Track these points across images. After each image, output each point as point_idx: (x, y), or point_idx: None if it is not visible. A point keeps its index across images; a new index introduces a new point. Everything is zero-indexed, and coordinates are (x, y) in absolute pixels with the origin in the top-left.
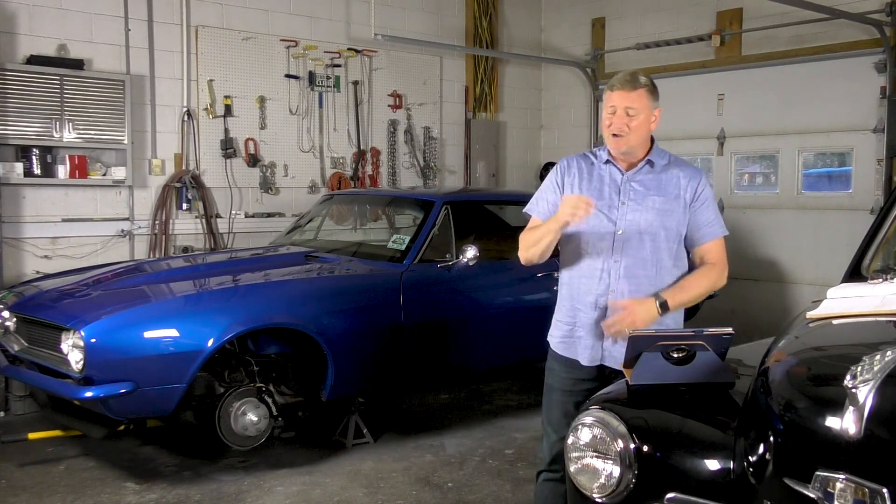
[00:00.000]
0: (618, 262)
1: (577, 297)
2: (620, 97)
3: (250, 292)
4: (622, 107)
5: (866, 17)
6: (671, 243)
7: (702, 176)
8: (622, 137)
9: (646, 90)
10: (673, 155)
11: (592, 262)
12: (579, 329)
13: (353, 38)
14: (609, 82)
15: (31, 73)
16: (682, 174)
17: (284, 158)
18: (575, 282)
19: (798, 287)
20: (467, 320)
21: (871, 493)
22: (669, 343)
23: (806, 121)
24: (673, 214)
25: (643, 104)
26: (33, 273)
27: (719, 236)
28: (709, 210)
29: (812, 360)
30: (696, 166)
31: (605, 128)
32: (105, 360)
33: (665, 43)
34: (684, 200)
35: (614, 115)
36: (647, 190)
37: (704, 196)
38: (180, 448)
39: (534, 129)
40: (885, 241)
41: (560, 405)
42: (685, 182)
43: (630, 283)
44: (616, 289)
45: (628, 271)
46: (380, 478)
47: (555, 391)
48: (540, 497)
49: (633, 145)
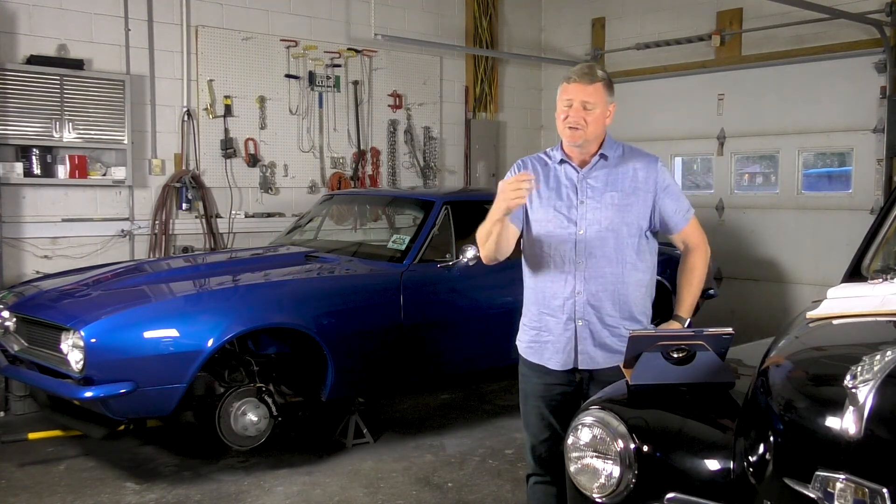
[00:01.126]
0: (582, 263)
1: (544, 301)
2: (577, 90)
3: (250, 292)
4: (579, 100)
5: (866, 17)
6: (633, 238)
7: (657, 163)
8: (578, 130)
9: (603, 84)
10: (626, 144)
11: (557, 265)
12: (546, 333)
13: (353, 38)
14: (565, 74)
15: (31, 73)
16: (638, 165)
17: (284, 158)
18: (540, 286)
19: (798, 287)
20: (467, 320)
21: (871, 493)
22: (669, 343)
23: (806, 121)
24: (632, 208)
25: (600, 98)
26: (33, 273)
27: (691, 219)
28: (673, 196)
29: (812, 360)
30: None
31: (559, 120)
32: (105, 360)
33: (665, 43)
34: (644, 193)
35: (570, 107)
36: (603, 186)
37: (665, 183)
38: (180, 448)
39: (534, 129)
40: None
41: (535, 409)
42: (643, 174)
43: (596, 282)
44: (583, 290)
45: (593, 271)
46: (380, 478)
47: (529, 397)
48: (532, 499)
49: (589, 139)
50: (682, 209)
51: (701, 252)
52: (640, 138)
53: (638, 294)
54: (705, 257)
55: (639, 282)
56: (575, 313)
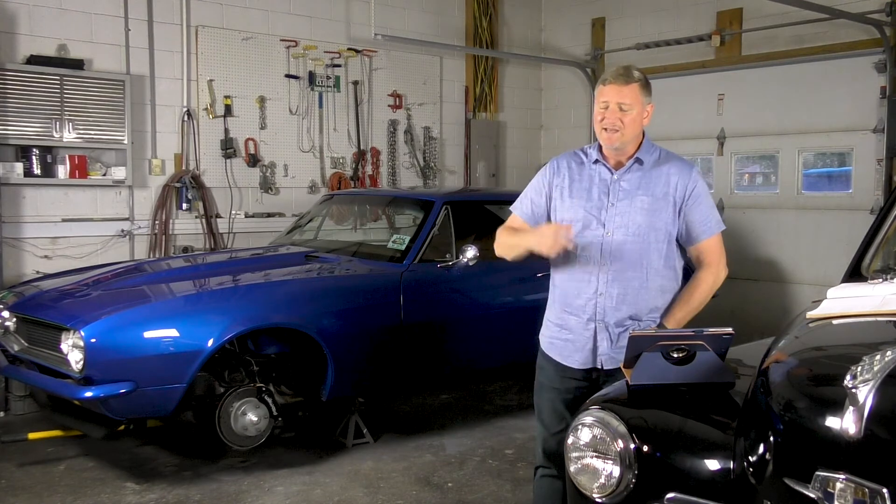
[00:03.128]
0: (607, 265)
1: (567, 299)
2: (614, 91)
3: (250, 292)
4: (615, 101)
5: (866, 17)
6: (660, 243)
7: (693, 171)
8: (616, 132)
9: (639, 85)
10: (664, 150)
11: (582, 265)
12: (567, 332)
13: (353, 38)
14: (602, 76)
15: (31, 73)
16: (672, 171)
17: (284, 158)
18: (565, 284)
19: (798, 287)
20: (467, 320)
21: (871, 493)
22: (669, 343)
23: (806, 121)
24: (661, 214)
25: (636, 99)
26: (33, 273)
27: (716, 233)
28: (703, 206)
29: (812, 360)
30: (688, 160)
31: (596, 122)
32: (105, 360)
33: (665, 43)
34: (674, 199)
35: (607, 109)
36: (635, 189)
37: (697, 192)
38: (180, 448)
39: (534, 129)
40: (885, 241)
41: (550, 402)
42: (675, 179)
43: (620, 285)
44: (605, 291)
45: (618, 273)
46: (380, 478)
47: (545, 388)
48: (538, 492)
49: (626, 140)
50: (710, 221)
51: (712, 272)
52: None
53: (662, 300)
54: (716, 279)
55: (662, 288)
56: (596, 314)
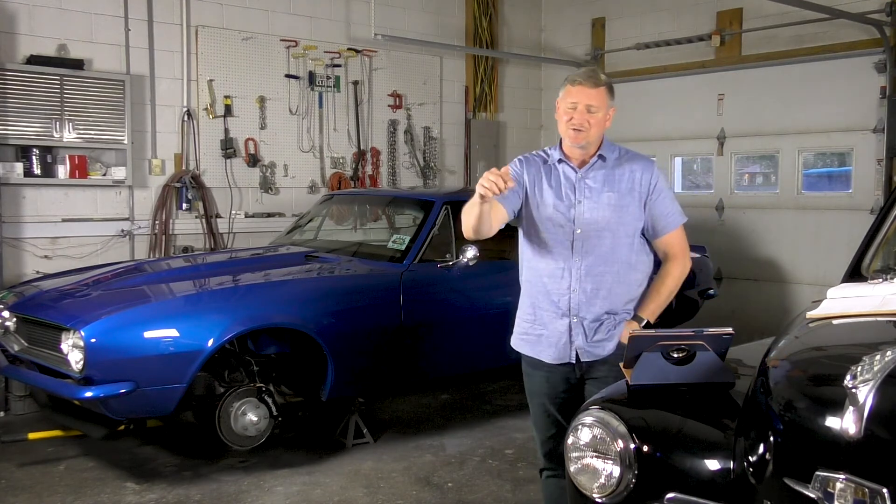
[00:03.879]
0: (578, 261)
1: (539, 295)
2: (582, 93)
3: (250, 292)
4: (584, 103)
5: (866, 17)
6: (629, 238)
7: (654, 167)
8: (582, 132)
9: (605, 88)
10: (623, 147)
11: (553, 262)
12: (540, 327)
13: (353, 38)
14: (570, 77)
15: (31, 73)
16: (635, 167)
17: (284, 158)
18: (536, 280)
19: (798, 287)
20: (467, 320)
21: (871, 493)
22: (669, 343)
23: (806, 121)
24: (628, 209)
25: (603, 102)
26: (33, 273)
27: (678, 226)
28: (665, 201)
29: (812, 360)
30: (648, 157)
31: (562, 122)
32: (105, 360)
33: (665, 43)
34: (639, 194)
35: (575, 110)
36: (601, 186)
37: (659, 187)
38: (180, 448)
39: (534, 129)
40: (885, 241)
41: (541, 407)
42: (639, 175)
43: (592, 280)
44: (578, 287)
45: (589, 269)
46: (380, 478)
47: (534, 395)
48: (546, 493)
49: (591, 140)
50: (672, 213)
51: (679, 263)
52: (641, 138)
53: (635, 292)
54: (683, 269)
55: (637, 281)
56: (570, 309)
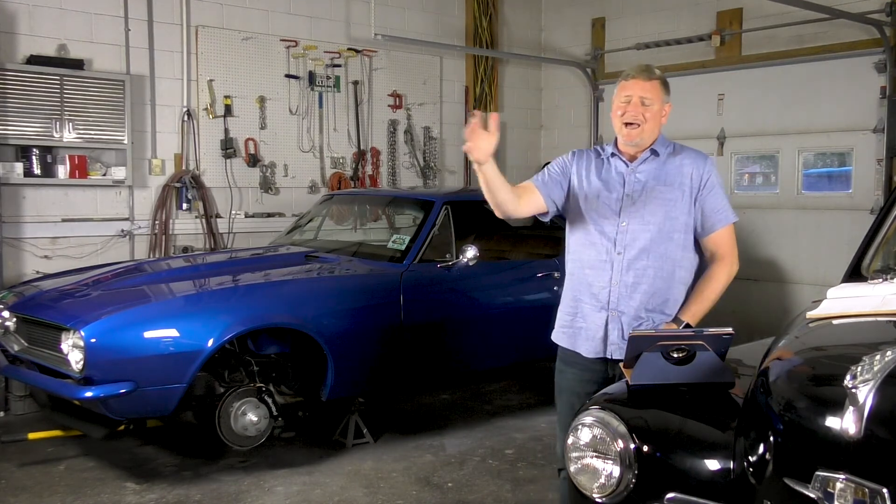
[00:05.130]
0: (621, 254)
1: (581, 287)
2: (637, 86)
3: (250, 292)
4: (638, 95)
5: (866, 17)
6: (677, 233)
7: (707, 161)
8: (637, 127)
9: (660, 82)
10: (678, 143)
11: (597, 254)
12: (580, 319)
13: (353, 38)
14: (624, 72)
15: (31, 73)
16: (686, 161)
17: (284, 158)
18: (578, 272)
19: (798, 287)
20: (467, 320)
21: (871, 493)
22: (669, 343)
23: (806, 121)
24: (677, 204)
25: (658, 95)
26: (33, 273)
27: (729, 224)
28: (716, 196)
29: (812, 360)
30: (703, 152)
31: (616, 117)
32: (105, 360)
33: (665, 43)
34: (690, 189)
35: (629, 103)
36: (651, 180)
37: (711, 182)
38: (180, 448)
39: (534, 129)
40: (885, 241)
41: (568, 404)
42: (689, 170)
43: (634, 273)
44: (619, 280)
45: (631, 262)
46: (380, 478)
47: (563, 392)
48: (563, 492)
49: (646, 136)
50: (723, 211)
51: (726, 264)
52: None
53: (677, 291)
54: (730, 271)
55: (680, 279)
56: (609, 303)
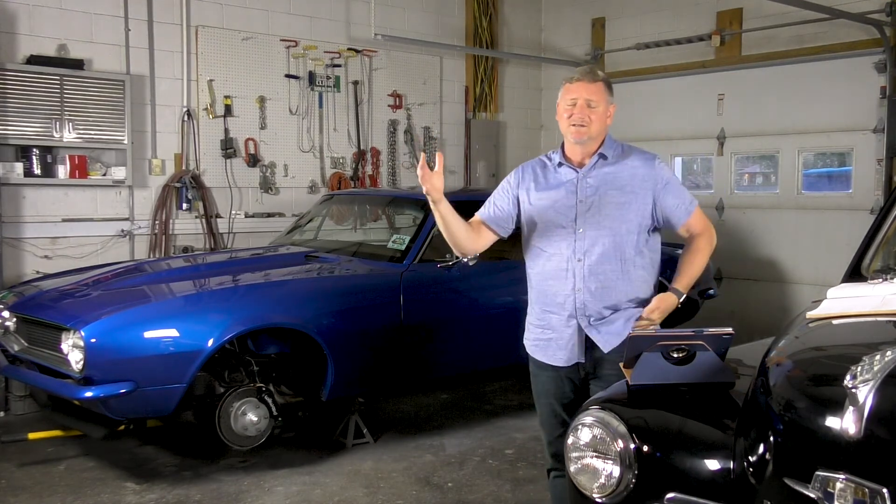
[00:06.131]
0: (581, 261)
1: (546, 299)
2: (581, 88)
3: (250, 292)
4: (584, 98)
5: (866, 17)
6: (632, 235)
7: (654, 160)
8: (584, 127)
9: (603, 84)
10: (625, 144)
11: (557, 263)
12: (549, 331)
13: (353, 38)
14: (567, 77)
15: (31, 73)
16: (637, 163)
17: (284, 158)
18: (541, 284)
19: (798, 287)
20: (467, 320)
21: (871, 493)
22: (669, 343)
23: (806, 121)
24: (631, 206)
25: (602, 97)
26: (33, 273)
27: (694, 210)
28: (672, 191)
29: (812, 360)
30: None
31: (562, 119)
32: (105, 360)
33: (665, 43)
34: (643, 191)
35: (574, 106)
36: (602, 185)
37: (665, 180)
38: (180, 448)
39: (534, 129)
40: (885, 241)
41: (548, 407)
42: (642, 171)
43: (597, 279)
44: (583, 287)
45: (593, 269)
46: (380, 478)
47: (541, 396)
48: (553, 493)
49: (593, 136)
50: (684, 203)
51: (706, 236)
52: (641, 138)
53: (642, 290)
54: (710, 241)
55: (641, 277)
56: (576, 310)
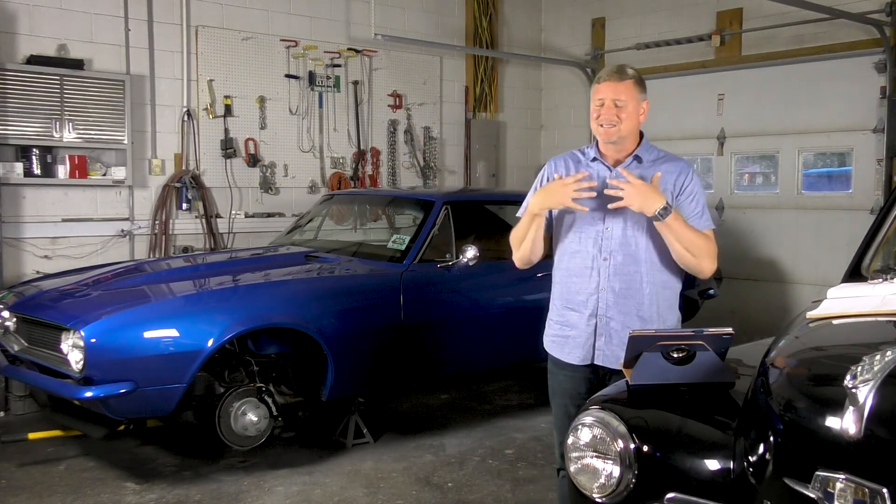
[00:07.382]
0: (607, 260)
1: (568, 296)
2: (609, 88)
3: (250, 292)
4: (611, 98)
5: (866, 17)
6: (660, 239)
7: (690, 170)
8: (613, 127)
9: (633, 81)
10: (663, 150)
11: (582, 261)
12: (568, 329)
13: (353, 38)
14: (597, 76)
15: (31, 73)
16: (669, 168)
17: (284, 158)
18: (565, 280)
19: (798, 287)
20: (467, 320)
21: (871, 493)
22: (669, 343)
23: (806, 121)
24: None
25: (631, 95)
26: (33, 273)
27: (704, 230)
28: (694, 203)
29: (812, 360)
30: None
31: (593, 120)
32: (105, 360)
33: (665, 43)
34: (671, 195)
35: (602, 106)
36: None
37: (690, 190)
38: (180, 448)
39: (534, 129)
40: (885, 241)
41: (562, 407)
42: (672, 177)
43: (621, 280)
44: (607, 286)
45: (618, 269)
46: (380, 478)
47: (556, 394)
48: (561, 492)
49: (623, 135)
50: (697, 216)
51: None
52: None
53: (662, 297)
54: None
55: (664, 284)
56: (597, 309)
